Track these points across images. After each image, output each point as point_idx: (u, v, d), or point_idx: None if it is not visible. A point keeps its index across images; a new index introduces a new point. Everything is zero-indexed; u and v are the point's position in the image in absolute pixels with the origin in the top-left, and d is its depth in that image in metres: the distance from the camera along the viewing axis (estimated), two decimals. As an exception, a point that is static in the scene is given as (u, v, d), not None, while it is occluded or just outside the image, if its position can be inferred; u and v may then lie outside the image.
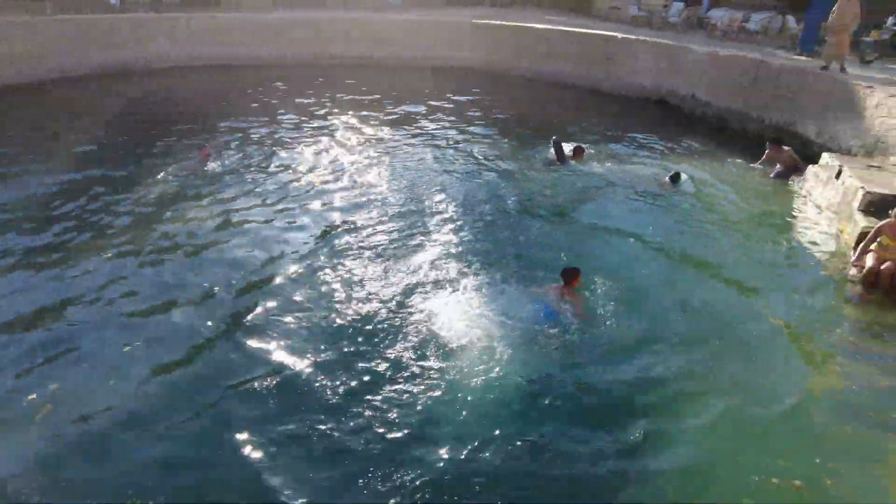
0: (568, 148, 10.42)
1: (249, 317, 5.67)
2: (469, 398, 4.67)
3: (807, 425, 4.72)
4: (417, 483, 3.95)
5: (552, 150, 10.26)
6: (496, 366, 4.97)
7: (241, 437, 4.31)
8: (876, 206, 7.37)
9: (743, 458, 4.32)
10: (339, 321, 5.62)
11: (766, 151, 10.49)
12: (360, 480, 3.97)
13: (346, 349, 5.23)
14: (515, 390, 4.77)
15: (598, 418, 4.65)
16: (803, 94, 11.54)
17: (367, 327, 5.51)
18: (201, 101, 13.86)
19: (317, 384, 4.82)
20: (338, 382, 4.83)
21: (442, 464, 4.11)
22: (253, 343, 5.32)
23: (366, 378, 4.88)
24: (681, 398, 4.87)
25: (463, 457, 4.17)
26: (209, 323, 5.58)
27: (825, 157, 8.99)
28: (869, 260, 6.73)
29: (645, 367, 5.18)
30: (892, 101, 9.27)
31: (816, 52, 13.21)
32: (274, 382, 4.85)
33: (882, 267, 6.60)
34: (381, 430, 4.36)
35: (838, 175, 8.38)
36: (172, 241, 7.08)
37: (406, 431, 4.37)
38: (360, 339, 5.35)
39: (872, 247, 6.81)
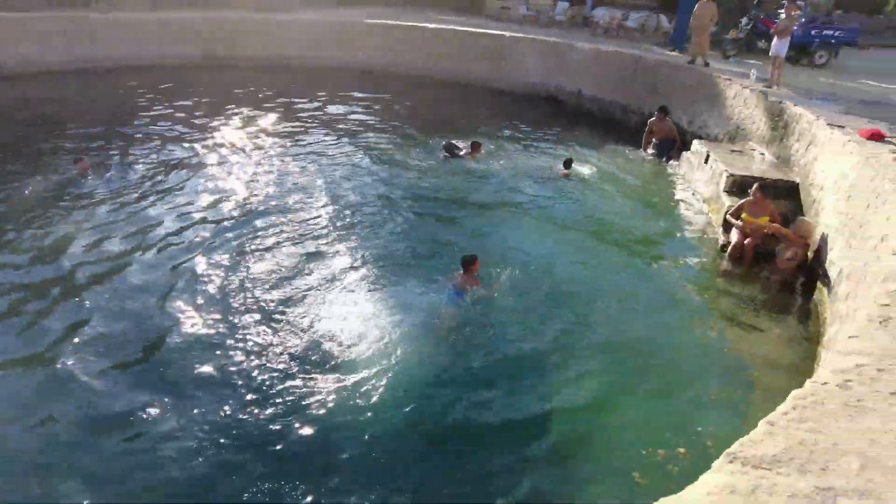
0: (465, 145, 10.67)
1: (129, 327, 5.44)
2: (366, 400, 4.67)
3: (684, 394, 5.12)
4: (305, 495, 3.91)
5: (445, 152, 10.51)
6: (394, 364, 5.01)
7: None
8: (738, 186, 8.17)
9: (629, 434, 4.61)
10: (224, 329, 5.46)
11: (650, 120, 11.31)
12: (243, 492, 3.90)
13: (229, 358, 5.09)
14: (415, 387, 4.84)
15: (490, 403, 4.82)
16: (676, 87, 12.56)
17: (257, 334, 5.40)
18: (76, 108, 12.73)
19: (202, 392, 4.70)
20: (222, 393, 4.71)
21: (332, 474, 4.08)
22: (137, 350, 5.12)
23: (253, 387, 4.77)
24: (565, 378, 5.15)
25: (356, 463, 4.16)
26: (84, 334, 5.30)
27: (695, 144, 9.86)
28: (733, 236, 7.44)
29: (540, 354, 5.45)
30: (747, 92, 10.30)
31: (686, 48, 14.44)
32: (158, 391, 4.69)
33: (745, 242, 7.32)
34: (271, 444, 4.28)
35: (707, 160, 9.22)
36: (48, 262, 6.53)
37: (296, 440, 4.31)
38: (246, 348, 5.21)
39: (737, 224, 7.55)
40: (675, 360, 5.57)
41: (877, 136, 6.80)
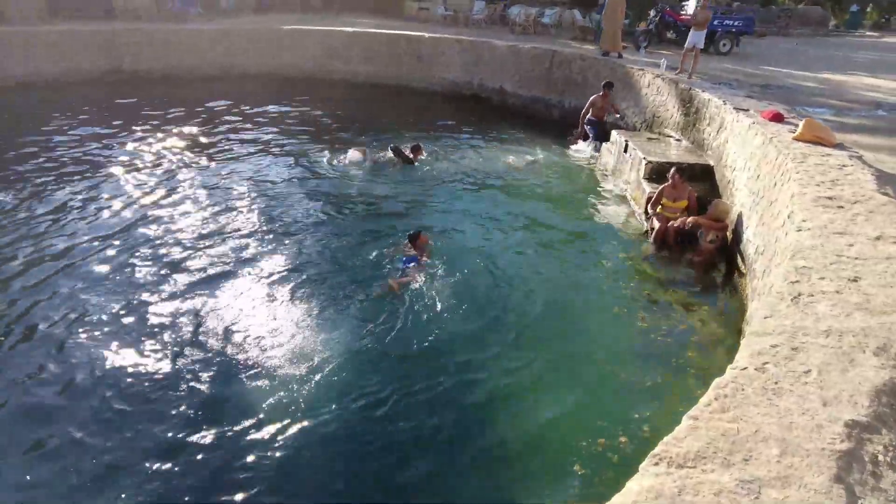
0: (405, 148, 10.52)
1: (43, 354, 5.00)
2: (296, 404, 4.49)
3: (621, 381, 5.13)
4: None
5: (391, 154, 10.30)
6: (325, 370, 4.84)
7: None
8: (657, 172, 8.39)
9: (568, 425, 4.57)
10: (153, 347, 5.09)
11: (593, 97, 11.11)
12: None
13: (161, 378, 4.73)
14: (347, 388, 4.67)
15: (424, 402, 4.71)
16: (591, 79, 12.85)
17: (189, 349, 5.06)
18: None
19: (131, 413, 4.42)
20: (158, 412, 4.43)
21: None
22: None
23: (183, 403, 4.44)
24: (498, 372, 5.10)
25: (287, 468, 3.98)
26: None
27: (614, 135, 10.08)
28: (656, 221, 7.64)
29: (472, 349, 5.37)
30: (659, 81, 10.66)
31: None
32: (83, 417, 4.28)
33: (667, 227, 7.52)
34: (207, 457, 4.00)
35: (626, 149, 9.44)
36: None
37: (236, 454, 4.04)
38: (179, 364, 4.85)
39: (658, 209, 7.74)
40: (606, 347, 5.60)
41: (777, 118, 7.14)
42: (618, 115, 11.21)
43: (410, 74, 16.48)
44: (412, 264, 6.41)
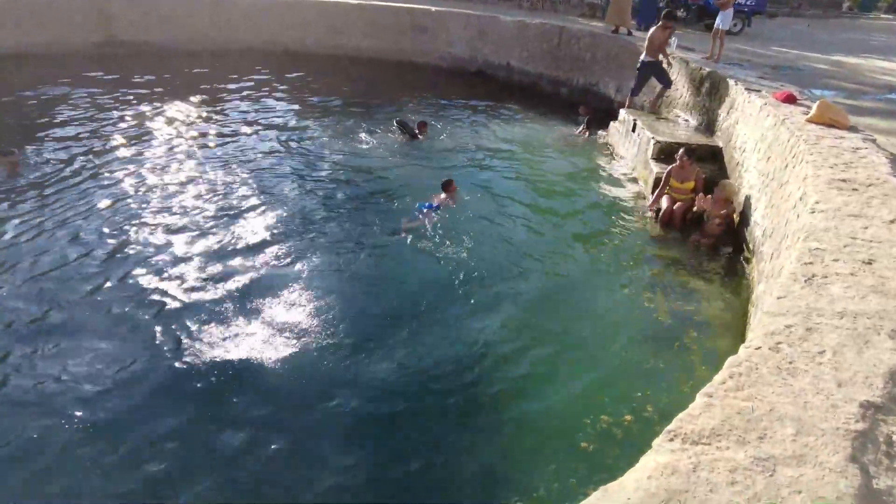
0: (411, 125, 10.42)
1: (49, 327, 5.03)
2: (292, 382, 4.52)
3: (624, 360, 5.15)
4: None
5: (399, 130, 10.19)
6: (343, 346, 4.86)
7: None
8: (665, 153, 8.31)
9: (573, 403, 4.58)
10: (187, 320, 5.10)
11: (651, 31, 9.89)
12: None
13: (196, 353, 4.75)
14: (354, 362, 4.70)
15: (428, 383, 4.73)
16: (600, 57, 12.65)
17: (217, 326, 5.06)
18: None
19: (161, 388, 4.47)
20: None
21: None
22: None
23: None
24: (502, 351, 5.12)
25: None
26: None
27: (622, 114, 9.96)
28: (663, 202, 7.58)
29: (477, 328, 5.37)
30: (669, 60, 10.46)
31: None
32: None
33: (674, 207, 7.47)
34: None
35: (634, 128, 9.33)
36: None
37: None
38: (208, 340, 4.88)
39: (665, 190, 7.68)
40: (612, 327, 5.60)
41: (790, 100, 7.03)
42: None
43: (415, 48, 16.19)
44: (426, 209, 7.13)
